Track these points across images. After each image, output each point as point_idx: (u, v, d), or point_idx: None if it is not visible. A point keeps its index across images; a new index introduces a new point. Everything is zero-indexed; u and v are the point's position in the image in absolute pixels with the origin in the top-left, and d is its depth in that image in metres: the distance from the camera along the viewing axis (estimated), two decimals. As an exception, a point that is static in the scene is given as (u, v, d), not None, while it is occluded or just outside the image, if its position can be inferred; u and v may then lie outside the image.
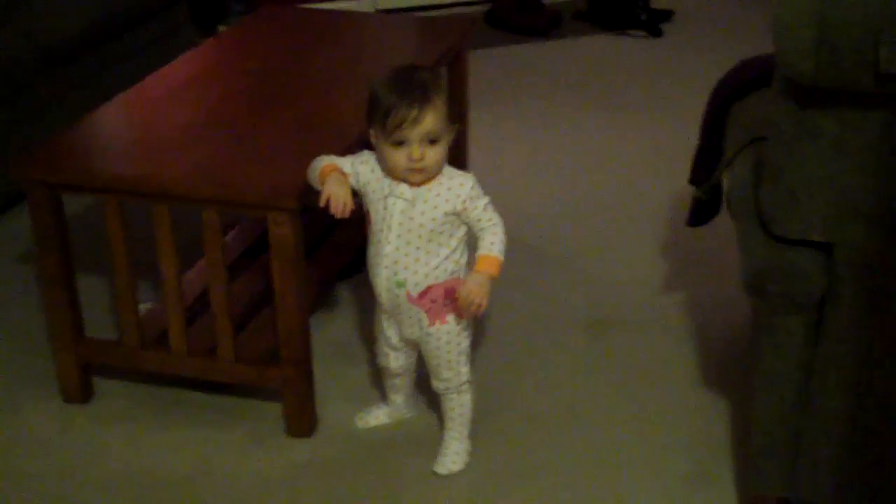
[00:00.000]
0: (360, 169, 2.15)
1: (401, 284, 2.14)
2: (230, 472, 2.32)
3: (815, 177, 1.71)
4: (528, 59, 4.81)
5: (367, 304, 2.48)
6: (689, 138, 2.62)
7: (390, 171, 2.09)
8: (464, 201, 2.08)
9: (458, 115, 2.11)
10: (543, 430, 2.44)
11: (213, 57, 2.98)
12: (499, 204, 2.16)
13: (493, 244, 2.09)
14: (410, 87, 2.02)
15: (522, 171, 3.71)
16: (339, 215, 2.08)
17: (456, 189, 2.08)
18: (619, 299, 2.93)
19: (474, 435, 2.34)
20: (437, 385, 2.29)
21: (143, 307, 2.59)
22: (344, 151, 2.22)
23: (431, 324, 2.18)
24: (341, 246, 2.92)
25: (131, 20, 3.89)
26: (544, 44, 5.00)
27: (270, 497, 2.25)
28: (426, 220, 2.09)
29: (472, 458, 2.32)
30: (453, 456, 2.31)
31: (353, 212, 2.10)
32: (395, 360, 2.32)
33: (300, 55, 2.96)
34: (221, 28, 4.65)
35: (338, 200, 2.08)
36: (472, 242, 2.15)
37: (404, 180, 2.08)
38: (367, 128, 2.10)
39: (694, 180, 2.38)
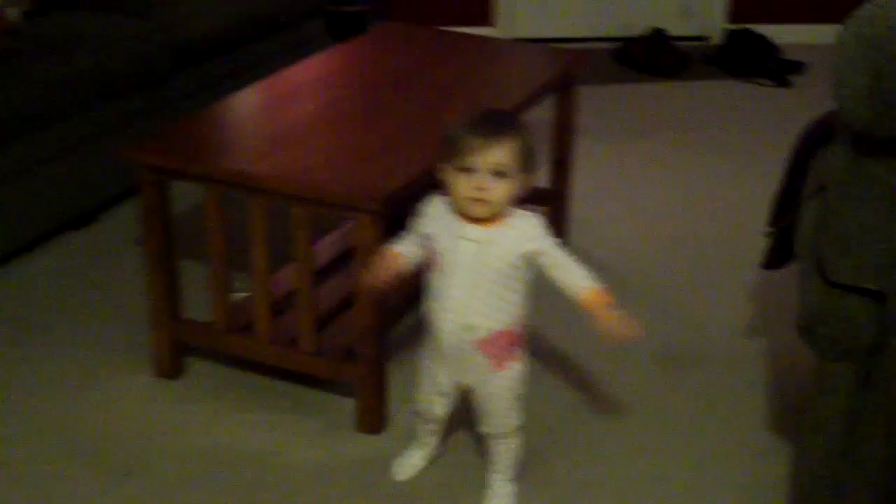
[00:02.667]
0: (427, 212, 2.14)
1: (469, 329, 2.10)
2: (298, 458, 2.44)
3: (868, 224, 1.74)
4: (652, 99, 4.86)
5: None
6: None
7: (455, 202, 2.07)
8: (535, 241, 2.07)
9: (533, 167, 2.09)
10: (601, 456, 2.49)
11: (331, 65, 3.13)
12: (594, 230, 2.20)
13: (586, 277, 2.09)
14: (486, 120, 2.05)
15: (624, 203, 3.77)
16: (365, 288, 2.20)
17: (527, 230, 2.08)
18: (698, 337, 2.96)
19: (531, 465, 2.40)
20: (487, 430, 2.27)
21: (238, 297, 2.73)
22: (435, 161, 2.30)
23: (494, 370, 2.15)
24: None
25: (267, 28, 4.09)
26: (671, 84, 5.04)
27: (332, 486, 2.36)
28: (497, 263, 2.06)
29: (530, 477, 2.38)
30: (504, 498, 2.30)
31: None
32: (442, 407, 2.28)
33: (413, 69, 3.09)
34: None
35: (366, 279, 2.21)
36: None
37: (467, 213, 2.05)
38: (440, 165, 2.09)
39: (771, 222, 2.41)
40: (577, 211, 3.53)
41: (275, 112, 2.78)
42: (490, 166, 2.00)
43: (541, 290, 2.14)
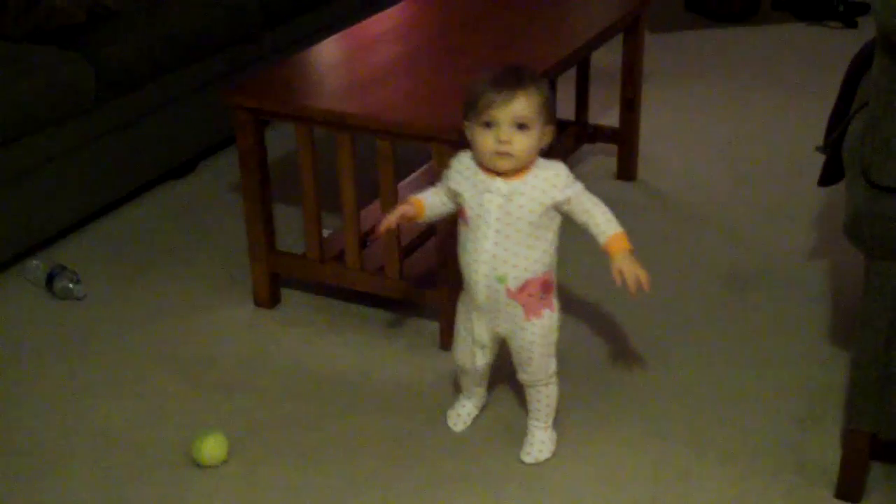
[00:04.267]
0: (455, 167, 2.20)
1: (501, 279, 2.14)
2: (387, 375, 2.65)
3: (908, 128, 1.87)
4: (722, 43, 4.98)
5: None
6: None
7: (479, 158, 2.11)
8: (562, 189, 2.11)
9: (554, 118, 2.13)
10: (669, 367, 2.66)
11: (407, 14, 3.34)
12: (662, 166, 2.30)
13: (610, 221, 2.13)
14: (505, 75, 2.08)
15: (692, 140, 3.92)
16: (383, 228, 2.26)
17: (552, 179, 2.11)
18: (764, 259, 3.11)
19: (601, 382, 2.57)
20: (524, 377, 2.31)
21: (328, 232, 2.95)
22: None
23: (527, 318, 2.19)
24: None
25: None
26: (740, 29, 5.15)
27: (418, 398, 2.57)
28: (525, 213, 2.10)
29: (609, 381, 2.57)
30: (539, 445, 2.34)
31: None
32: (482, 357, 2.31)
33: (484, 13, 3.28)
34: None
35: (378, 229, 2.27)
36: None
37: (492, 168, 2.10)
38: (462, 121, 2.15)
39: (824, 139, 2.54)
40: (646, 148, 3.68)
41: (357, 58, 2.99)
42: (511, 119, 2.05)
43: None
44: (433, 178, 2.39)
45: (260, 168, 2.77)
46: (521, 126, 2.06)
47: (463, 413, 2.46)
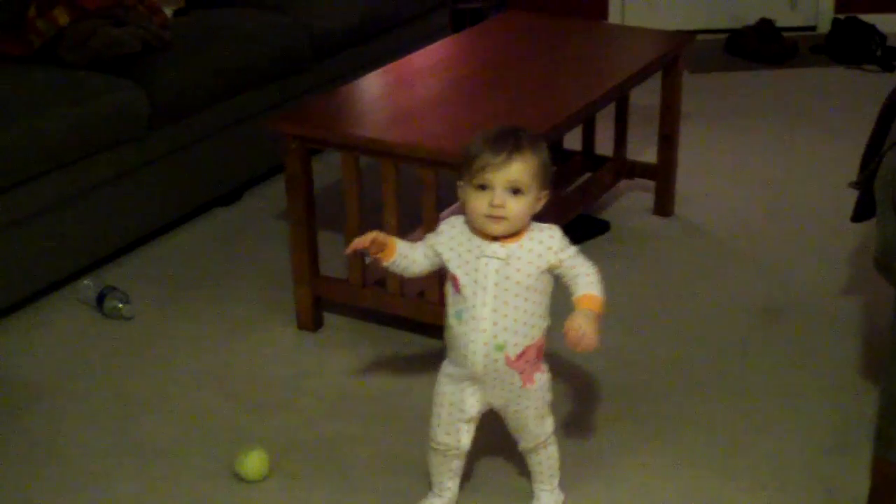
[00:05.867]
0: (446, 232, 2.13)
1: (500, 347, 2.06)
2: (425, 396, 2.68)
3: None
4: (760, 85, 5.05)
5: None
6: None
7: (471, 220, 2.05)
8: (556, 253, 2.05)
9: (549, 182, 2.07)
10: (700, 396, 2.71)
11: (453, 49, 3.44)
12: (698, 202, 2.32)
13: (591, 284, 2.05)
14: (503, 137, 2.02)
15: (729, 179, 3.98)
16: (352, 247, 2.17)
17: (547, 242, 2.06)
18: (798, 293, 3.16)
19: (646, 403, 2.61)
20: (525, 445, 2.25)
21: (370, 259, 3.02)
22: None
23: (524, 385, 2.12)
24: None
25: (394, 22, 4.41)
26: (779, 71, 5.21)
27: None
28: (522, 278, 2.04)
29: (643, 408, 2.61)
30: None
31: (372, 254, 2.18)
32: (467, 434, 2.21)
33: (528, 50, 3.38)
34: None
35: (349, 246, 2.18)
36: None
37: (483, 231, 2.04)
38: (458, 183, 2.09)
39: (859, 177, 2.59)
40: (683, 185, 3.75)
41: (403, 90, 3.08)
42: (505, 183, 1.99)
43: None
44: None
45: (306, 194, 2.86)
46: (516, 191, 2.00)
47: None
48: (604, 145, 3.77)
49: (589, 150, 3.79)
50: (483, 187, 2.00)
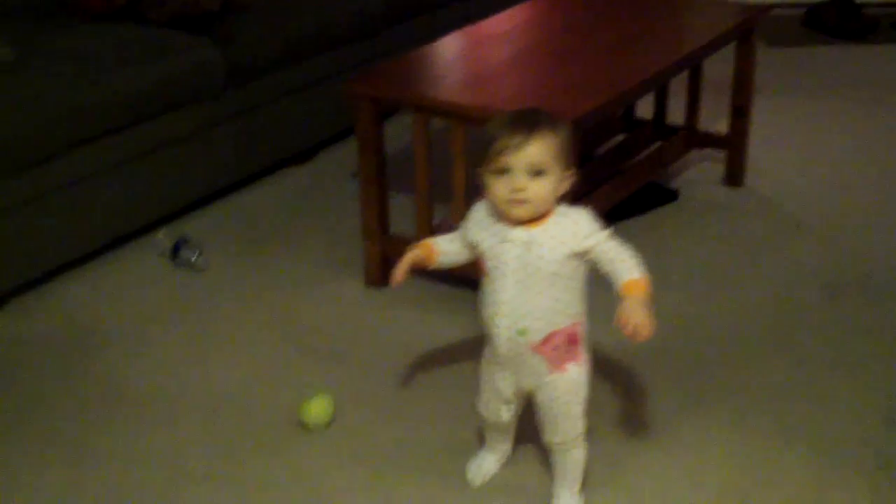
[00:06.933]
0: (473, 217, 2.10)
1: (523, 333, 2.02)
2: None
3: None
4: (838, 60, 5.00)
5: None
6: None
7: (495, 206, 2.01)
8: (583, 239, 1.97)
9: (574, 164, 2.01)
10: (760, 365, 2.72)
11: (525, 15, 3.47)
12: (769, 174, 2.31)
13: (630, 268, 1.97)
14: (519, 119, 1.97)
15: (802, 151, 3.97)
16: (396, 280, 2.18)
17: (571, 228, 1.98)
18: (864, 267, 3.15)
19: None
20: (549, 439, 2.17)
21: (437, 219, 3.07)
22: (601, 108, 2.55)
23: (551, 372, 2.07)
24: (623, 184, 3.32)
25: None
26: (858, 47, 5.15)
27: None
28: (544, 264, 1.97)
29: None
30: None
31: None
32: (508, 412, 2.20)
33: (599, 19, 3.40)
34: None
35: (392, 276, 2.19)
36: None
37: (507, 216, 1.99)
38: (478, 170, 2.03)
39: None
40: (755, 156, 3.73)
41: (474, 54, 3.12)
42: (525, 165, 1.93)
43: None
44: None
45: (377, 154, 2.91)
46: (538, 172, 1.94)
47: (483, 466, 2.34)
48: (676, 115, 3.77)
49: (660, 120, 3.80)
50: (503, 171, 1.95)
